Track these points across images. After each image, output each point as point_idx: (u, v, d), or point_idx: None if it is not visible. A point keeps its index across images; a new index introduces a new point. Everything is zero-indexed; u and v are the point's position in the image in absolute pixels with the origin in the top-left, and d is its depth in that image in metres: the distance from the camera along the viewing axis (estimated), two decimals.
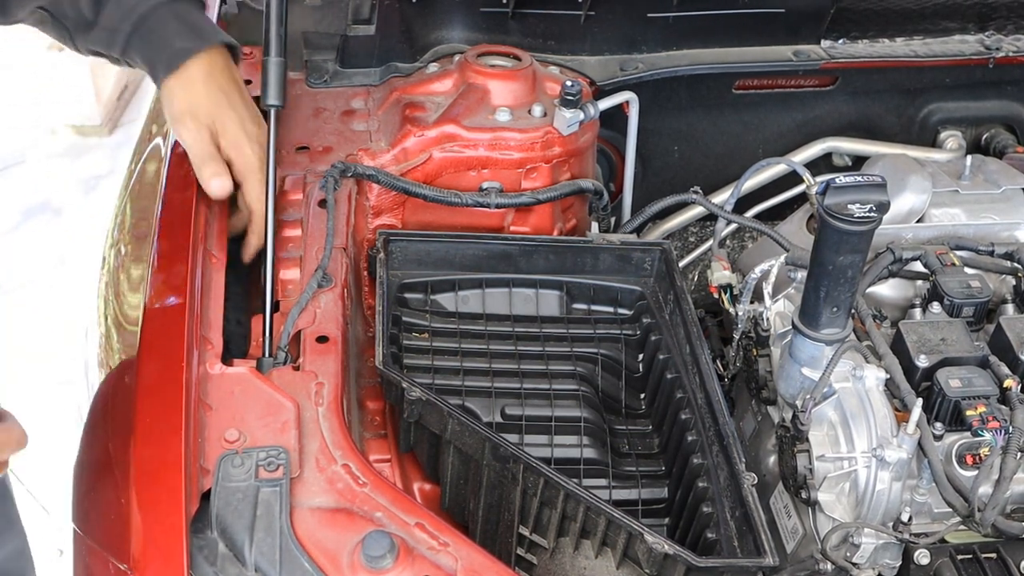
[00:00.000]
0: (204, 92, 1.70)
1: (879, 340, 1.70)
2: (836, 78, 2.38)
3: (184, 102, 1.70)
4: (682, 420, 1.67)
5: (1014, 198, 2.04)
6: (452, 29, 2.17)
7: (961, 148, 2.44)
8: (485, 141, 1.93)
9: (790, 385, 1.68)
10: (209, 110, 1.70)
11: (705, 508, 1.57)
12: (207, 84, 1.70)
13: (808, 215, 2.07)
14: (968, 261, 1.87)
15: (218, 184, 1.70)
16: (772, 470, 1.78)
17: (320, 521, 1.33)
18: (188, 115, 1.70)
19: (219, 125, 1.71)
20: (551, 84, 2.04)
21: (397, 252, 1.85)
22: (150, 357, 1.48)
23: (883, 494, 1.59)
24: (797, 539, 1.72)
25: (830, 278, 1.53)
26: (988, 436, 1.58)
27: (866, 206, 1.47)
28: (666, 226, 2.38)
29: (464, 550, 1.32)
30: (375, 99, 2.07)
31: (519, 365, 1.75)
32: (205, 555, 1.29)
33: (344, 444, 1.42)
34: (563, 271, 1.88)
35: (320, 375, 1.52)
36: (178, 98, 1.70)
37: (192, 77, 1.69)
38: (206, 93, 1.70)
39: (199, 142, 1.70)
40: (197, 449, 1.37)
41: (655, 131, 2.37)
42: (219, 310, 1.59)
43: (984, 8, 2.33)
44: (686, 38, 2.26)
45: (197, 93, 1.70)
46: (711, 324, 2.11)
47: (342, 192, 1.85)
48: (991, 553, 1.60)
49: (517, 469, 1.52)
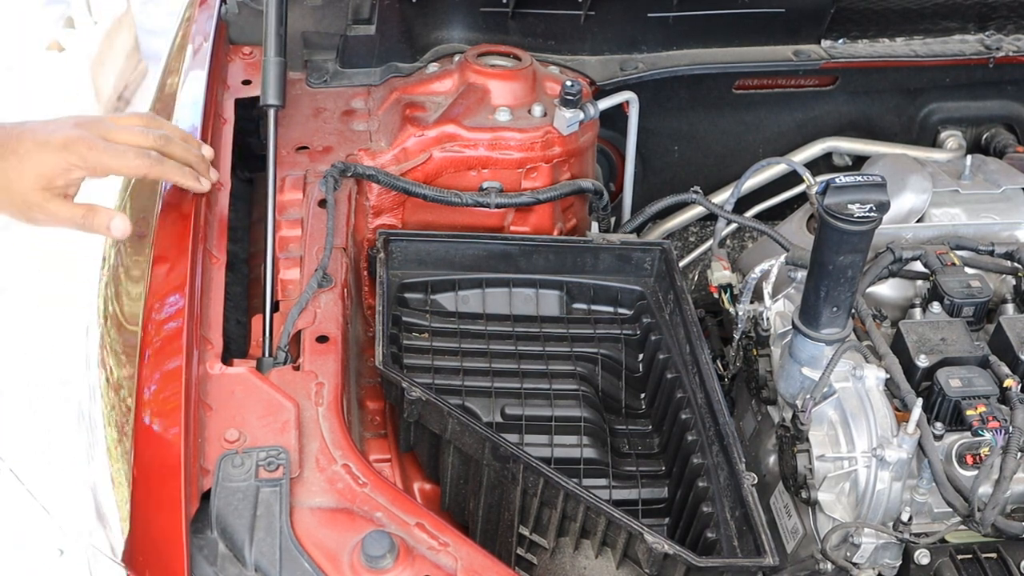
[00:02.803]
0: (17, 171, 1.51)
1: (879, 340, 1.70)
2: (836, 78, 2.38)
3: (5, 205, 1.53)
4: (682, 420, 1.67)
5: (1014, 198, 2.05)
6: (452, 29, 2.17)
7: (961, 148, 2.44)
8: (485, 141, 1.93)
9: (790, 385, 1.68)
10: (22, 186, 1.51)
11: (705, 508, 1.57)
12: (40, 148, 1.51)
13: (808, 215, 2.07)
14: (968, 261, 1.87)
15: (117, 227, 1.58)
16: (772, 470, 1.79)
17: (320, 521, 1.33)
18: (22, 210, 1.53)
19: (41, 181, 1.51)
20: (551, 84, 2.04)
21: (397, 252, 1.85)
22: (150, 357, 1.48)
23: (883, 494, 1.59)
24: (797, 539, 1.72)
25: (830, 278, 1.53)
26: (988, 436, 1.59)
27: (866, 206, 1.47)
28: (666, 226, 2.38)
29: (464, 550, 1.32)
30: (375, 99, 2.07)
31: (519, 365, 1.75)
32: (205, 555, 1.29)
33: (344, 444, 1.42)
34: (563, 271, 1.88)
35: (320, 375, 1.52)
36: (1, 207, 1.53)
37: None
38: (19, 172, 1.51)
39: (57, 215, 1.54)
40: (197, 449, 1.37)
41: (655, 131, 2.37)
42: (219, 310, 1.59)
43: (984, 8, 2.33)
44: (686, 38, 2.26)
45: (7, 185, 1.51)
46: (711, 324, 2.11)
47: (342, 192, 1.85)
48: (991, 553, 1.60)
49: (517, 469, 1.52)
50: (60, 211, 1.54)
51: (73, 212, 1.55)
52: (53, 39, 4.77)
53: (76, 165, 1.53)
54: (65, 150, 1.52)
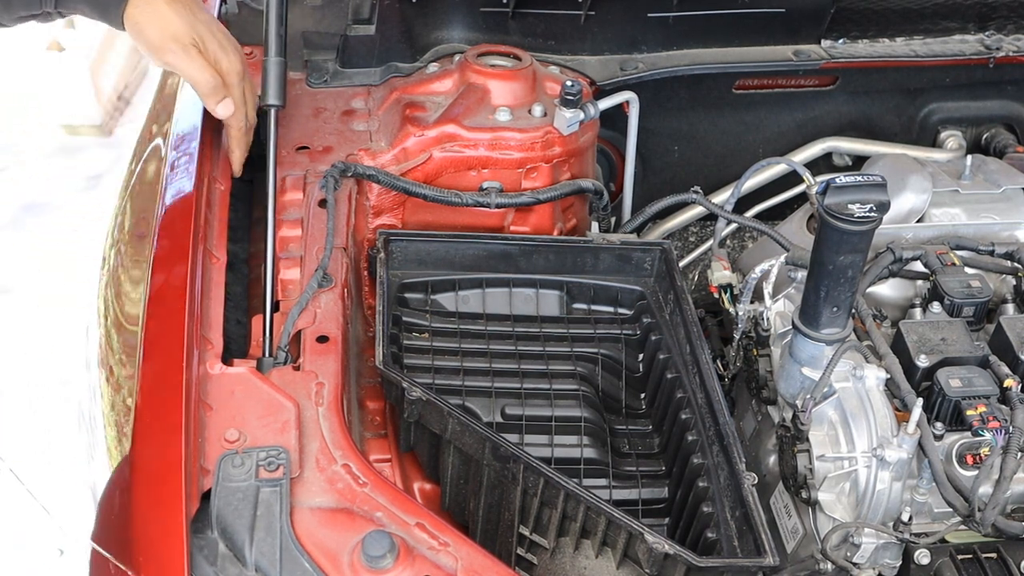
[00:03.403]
0: (171, 11, 1.66)
1: (879, 340, 1.70)
2: (836, 78, 2.38)
3: (159, 28, 1.66)
4: (682, 420, 1.67)
5: (1014, 198, 2.05)
6: (452, 29, 2.17)
7: (961, 148, 2.44)
8: (485, 141, 1.93)
9: (790, 385, 1.68)
10: (185, 28, 1.67)
11: (705, 508, 1.56)
12: (170, 2, 1.66)
13: (808, 215, 2.07)
14: (968, 261, 1.87)
15: (224, 108, 1.73)
16: (772, 470, 1.79)
17: (320, 521, 1.33)
18: (171, 40, 1.66)
19: (200, 38, 1.68)
20: (551, 84, 2.04)
21: (397, 252, 1.85)
22: (150, 357, 1.48)
23: (883, 494, 1.59)
24: (797, 539, 1.72)
25: (830, 278, 1.53)
26: (988, 436, 1.59)
27: (866, 206, 1.47)
28: (666, 226, 2.38)
29: (464, 550, 1.32)
30: (375, 99, 2.07)
31: (519, 365, 1.75)
32: (205, 555, 1.29)
33: (344, 444, 1.42)
34: (563, 271, 1.88)
35: (320, 375, 1.52)
36: (151, 26, 1.66)
37: (155, 10, 1.65)
38: (174, 11, 1.66)
39: (195, 66, 1.69)
40: (197, 449, 1.37)
41: (655, 131, 2.37)
42: (219, 310, 1.59)
43: (984, 8, 2.33)
44: (686, 38, 2.26)
45: (165, 15, 1.66)
46: (711, 324, 2.11)
47: (342, 192, 1.85)
48: (991, 553, 1.60)
49: (517, 469, 1.52)
50: (192, 62, 1.68)
51: (199, 69, 1.69)
52: (53, 39, 4.77)
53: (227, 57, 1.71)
54: (228, 41, 1.73)
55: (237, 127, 1.77)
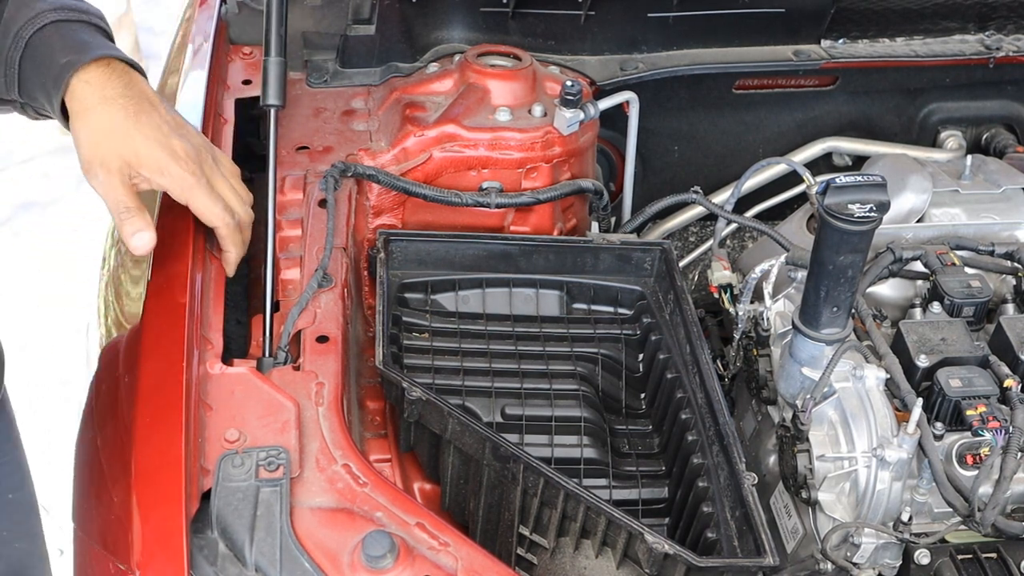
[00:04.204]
0: (105, 124, 1.49)
1: (879, 340, 1.70)
2: (836, 78, 2.38)
3: (88, 145, 1.49)
4: (682, 420, 1.67)
5: (1014, 198, 2.04)
6: (452, 29, 2.17)
7: (961, 148, 2.44)
8: (485, 141, 1.92)
9: (790, 385, 1.68)
10: (116, 146, 1.49)
11: (705, 508, 1.56)
12: (105, 108, 1.49)
13: (808, 215, 2.07)
14: (968, 261, 1.87)
15: (139, 241, 1.50)
16: (772, 470, 1.79)
17: (320, 521, 1.33)
18: (95, 162, 1.49)
19: (132, 158, 1.49)
20: (551, 84, 2.04)
21: (397, 252, 1.85)
22: (150, 357, 1.48)
23: (883, 494, 1.59)
24: (797, 539, 1.72)
25: (830, 278, 1.53)
26: (988, 436, 1.59)
27: (866, 206, 1.47)
28: (666, 226, 2.38)
29: (464, 550, 1.32)
30: (375, 99, 2.07)
31: (519, 365, 1.75)
32: (205, 555, 1.29)
33: (344, 444, 1.42)
34: (563, 271, 1.88)
35: (320, 375, 1.52)
36: (82, 141, 1.50)
37: (86, 104, 1.48)
38: (108, 124, 1.49)
39: (110, 193, 1.50)
40: (197, 449, 1.37)
41: (655, 131, 2.37)
42: (219, 310, 1.59)
43: (984, 8, 2.32)
44: (686, 38, 2.26)
45: (97, 128, 1.49)
46: (711, 324, 2.11)
47: (342, 192, 1.85)
48: (991, 553, 1.60)
49: (517, 469, 1.52)
50: (114, 191, 1.50)
51: (119, 200, 1.50)
52: None
53: (171, 177, 1.52)
54: (174, 159, 1.51)
55: (224, 224, 1.58)
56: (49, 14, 1.51)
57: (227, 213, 1.58)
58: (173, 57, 2.33)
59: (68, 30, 1.51)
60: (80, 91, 1.49)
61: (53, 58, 1.48)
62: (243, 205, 1.63)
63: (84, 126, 1.49)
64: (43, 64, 1.49)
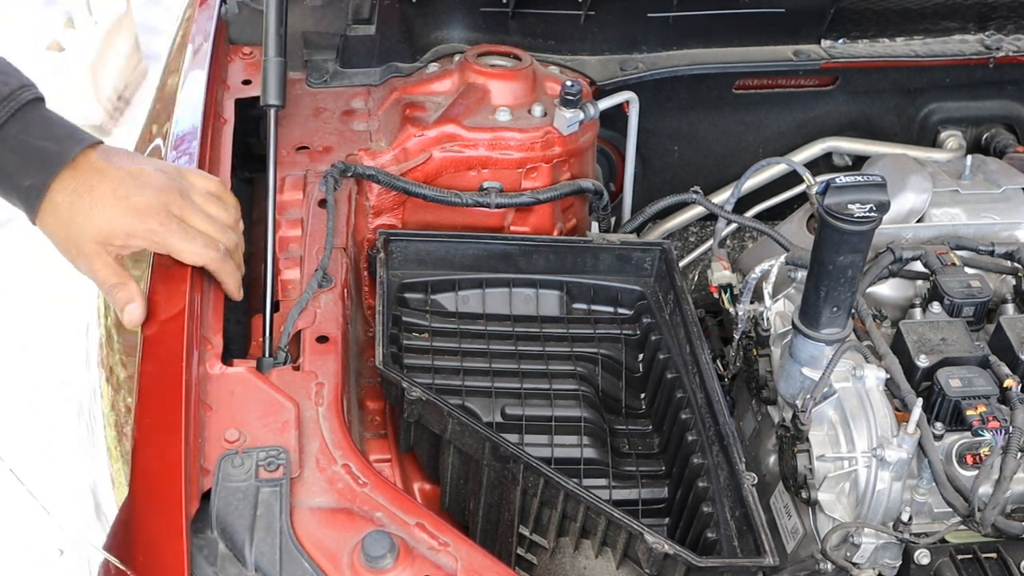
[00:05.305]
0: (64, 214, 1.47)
1: (879, 340, 1.70)
2: (836, 78, 2.38)
3: (59, 239, 1.49)
4: (682, 420, 1.67)
5: (1014, 198, 2.04)
6: (452, 29, 2.17)
7: (961, 148, 2.44)
8: (485, 141, 1.93)
9: (790, 385, 1.68)
10: (81, 231, 1.47)
11: (705, 508, 1.57)
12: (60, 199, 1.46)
13: (808, 215, 2.07)
14: (968, 261, 1.87)
15: (130, 315, 1.50)
16: (772, 470, 1.79)
17: (320, 521, 1.33)
18: (71, 251, 1.49)
19: (99, 235, 1.47)
20: (551, 84, 2.04)
21: (397, 252, 1.85)
22: (150, 357, 1.48)
23: (883, 494, 1.59)
24: (797, 539, 1.72)
25: (830, 278, 1.53)
26: (988, 436, 1.59)
27: (866, 206, 1.47)
28: (666, 226, 2.38)
29: (464, 550, 1.32)
30: (375, 99, 2.07)
31: (519, 365, 1.75)
32: (205, 555, 1.29)
33: (344, 444, 1.42)
34: (563, 271, 1.88)
35: (320, 375, 1.52)
36: (52, 236, 1.49)
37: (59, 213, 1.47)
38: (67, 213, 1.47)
39: (93, 275, 1.50)
40: (197, 449, 1.37)
41: (655, 131, 2.37)
42: (219, 310, 1.59)
43: (984, 8, 2.33)
44: (686, 38, 2.26)
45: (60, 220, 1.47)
46: (711, 324, 2.11)
47: (342, 192, 1.85)
48: (991, 553, 1.60)
49: (517, 469, 1.52)
50: (96, 273, 1.49)
51: (103, 280, 1.49)
52: (53, 39, 4.77)
53: (141, 236, 1.49)
54: (137, 217, 1.48)
55: (210, 260, 1.54)
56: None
57: (209, 248, 1.53)
58: (173, 57, 2.33)
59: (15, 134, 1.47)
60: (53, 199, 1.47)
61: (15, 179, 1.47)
62: (224, 231, 1.57)
63: (47, 223, 1.49)
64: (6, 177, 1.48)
